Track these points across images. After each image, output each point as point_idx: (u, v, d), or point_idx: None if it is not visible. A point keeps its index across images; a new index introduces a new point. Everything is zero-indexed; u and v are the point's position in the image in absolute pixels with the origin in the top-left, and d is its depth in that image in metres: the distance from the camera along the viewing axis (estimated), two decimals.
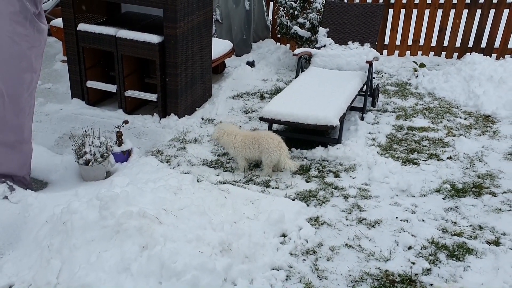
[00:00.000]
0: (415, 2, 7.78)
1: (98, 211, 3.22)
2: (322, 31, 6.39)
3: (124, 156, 4.71)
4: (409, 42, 8.04)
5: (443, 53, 8.01)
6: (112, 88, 5.73)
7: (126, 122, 4.81)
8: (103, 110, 5.84)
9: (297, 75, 5.94)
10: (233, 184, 4.30)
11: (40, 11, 3.74)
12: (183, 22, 5.25)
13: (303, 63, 6.17)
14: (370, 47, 6.13)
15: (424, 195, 4.18)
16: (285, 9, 7.37)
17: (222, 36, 7.82)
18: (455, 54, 7.96)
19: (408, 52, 8.12)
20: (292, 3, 7.23)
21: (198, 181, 4.31)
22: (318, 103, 4.99)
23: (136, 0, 5.16)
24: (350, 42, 6.25)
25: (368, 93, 5.82)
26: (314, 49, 6.30)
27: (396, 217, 3.85)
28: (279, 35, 8.03)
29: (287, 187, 4.32)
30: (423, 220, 3.82)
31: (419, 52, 8.08)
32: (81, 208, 3.34)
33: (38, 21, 3.68)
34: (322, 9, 7.20)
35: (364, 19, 6.28)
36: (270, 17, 8.54)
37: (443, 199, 4.13)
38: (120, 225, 3.11)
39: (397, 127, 5.53)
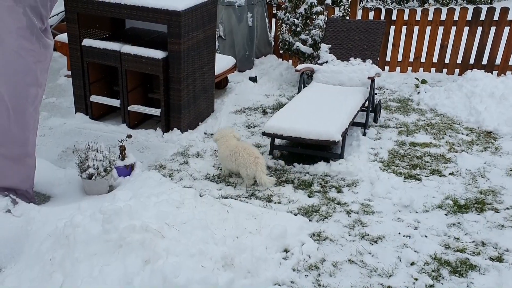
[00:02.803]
0: (416, 19, 7.84)
1: (101, 224, 3.23)
2: (324, 47, 6.45)
3: (127, 170, 4.73)
4: (411, 59, 8.09)
5: (445, 70, 8.05)
6: (115, 102, 5.77)
7: (129, 136, 4.83)
8: (107, 125, 5.87)
9: (299, 91, 5.98)
10: (235, 199, 4.31)
11: (47, 27, 3.79)
12: (187, 38, 5.30)
13: (305, 78, 6.21)
14: (372, 63, 6.17)
15: (427, 211, 4.18)
16: (288, 25, 7.44)
17: (225, 52, 7.88)
18: (457, 71, 7.99)
19: (409, 69, 8.16)
20: (295, 20, 7.31)
21: (200, 196, 4.32)
22: (320, 118, 5.02)
23: (141, 16, 5.22)
24: (352, 58, 6.29)
25: (370, 109, 5.85)
26: (317, 65, 6.35)
27: (399, 233, 3.84)
28: (281, 51, 8.09)
29: (289, 202, 4.32)
30: (426, 236, 3.82)
31: (421, 69, 8.12)
32: (84, 222, 3.35)
33: (44, 37, 3.72)
34: (324, 26, 7.28)
35: (366, 35, 6.34)
36: (273, 33, 8.61)
37: (446, 215, 4.13)
38: (123, 239, 3.12)
39: (399, 143, 5.54)
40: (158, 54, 5.32)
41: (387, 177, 4.63)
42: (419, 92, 7.20)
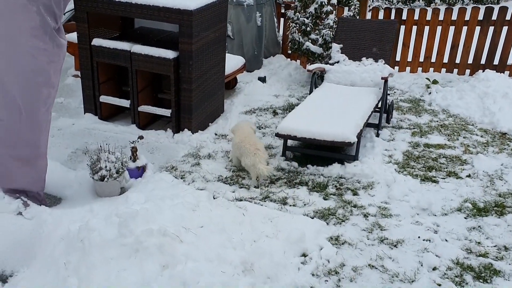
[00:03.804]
0: (427, 18, 7.76)
1: (117, 228, 3.16)
2: (336, 47, 6.37)
3: (139, 172, 4.66)
4: (421, 59, 8.01)
5: (455, 70, 7.96)
6: (125, 103, 5.70)
7: (141, 137, 4.76)
8: (116, 125, 5.80)
9: (311, 91, 5.90)
10: (249, 201, 4.24)
11: (60, 26, 3.72)
12: (198, 38, 5.23)
13: (316, 79, 6.12)
14: (384, 64, 6.09)
15: (446, 214, 4.10)
16: (297, 25, 7.36)
17: (233, 52, 7.80)
18: (467, 71, 7.91)
19: (419, 69, 8.08)
20: (305, 19, 7.23)
21: (214, 198, 4.25)
22: (334, 119, 4.94)
23: (151, 15, 5.15)
24: (364, 58, 6.22)
25: (383, 110, 5.76)
26: (328, 65, 6.27)
27: (419, 237, 3.76)
28: (289, 51, 8.01)
29: (304, 204, 4.25)
30: (446, 240, 3.74)
31: (431, 69, 8.04)
32: (99, 225, 3.28)
33: (58, 36, 3.65)
34: (335, 26, 7.21)
35: (377, 35, 6.26)
36: (281, 33, 8.54)
37: (465, 218, 4.05)
38: (140, 243, 3.04)
39: (413, 144, 5.46)
40: (169, 54, 5.24)
41: (403, 180, 4.55)
42: (430, 93, 7.12)
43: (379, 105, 5.78)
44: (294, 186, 4.55)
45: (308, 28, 7.26)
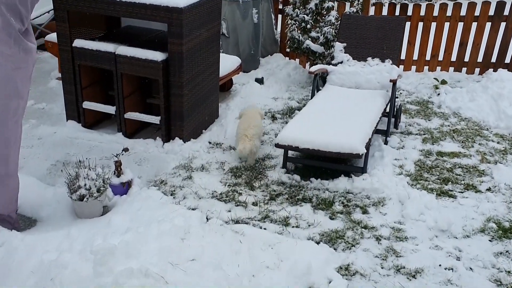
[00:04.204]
0: (434, 14, 7.30)
1: (93, 266, 2.69)
2: (339, 46, 5.90)
3: (124, 188, 4.19)
4: (427, 57, 7.56)
5: (464, 69, 7.51)
6: (111, 109, 5.22)
7: (126, 150, 4.30)
8: (101, 134, 5.32)
9: (312, 95, 5.44)
10: (247, 223, 3.78)
11: (28, 28, 3.24)
12: (189, 38, 4.76)
13: (318, 81, 5.66)
14: (391, 64, 5.64)
15: (468, 236, 3.65)
16: (297, 22, 6.88)
17: (228, 51, 7.33)
18: (477, 70, 7.46)
19: (426, 68, 7.63)
20: (304, 16, 6.75)
21: (207, 219, 3.79)
22: (340, 127, 4.49)
23: (138, 14, 4.67)
24: (369, 58, 5.76)
25: (392, 114, 5.30)
26: (331, 65, 5.81)
27: (440, 265, 3.32)
28: (288, 50, 7.54)
29: (309, 225, 3.79)
30: (471, 269, 3.30)
31: (438, 68, 7.59)
32: (72, 261, 2.83)
33: (25, 39, 3.18)
34: (336, 23, 6.74)
35: (384, 33, 5.79)
36: (279, 30, 8.06)
37: (490, 241, 3.60)
38: (119, 285, 2.59)
39: (425, 152, 5.01)
40: (157, 56, 4.77)
41: (418, 195, 4.09)
42: (439, 94, 6.67)
43: (387, 109, 5.33)
44: (296, 203, 4.10)
45: (308, 26, 6.79)
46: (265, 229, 3.70)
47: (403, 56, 7.57)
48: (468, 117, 5.93)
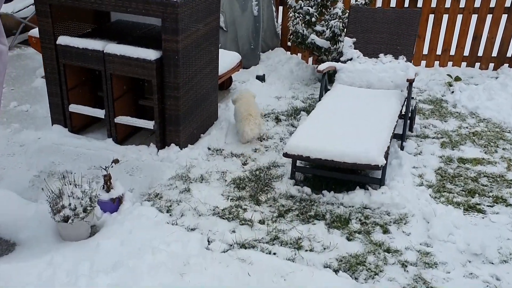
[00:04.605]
0: (445, 6, 6.84)
1: None
2: (348, 41, 5.44)
3: (114, 205, 3.74)
4: (438, 52, 7.10)
5: (477, 64, 7.06)
6: (100, 113, 4.74)
7: (116, 161, 3.83)
8: (89, 139, 4.85)
9: (321, 96, 4.98)
10: (254, 246, 3.33)
11: None
12: (186, 34, 4.28)
13: (327, 80, 5.19)
14: (406, 61, 5.18)
15: (505, 261, 3.22)
16: (301, 15, 6.40)
17: (227, 46, 6.85)
18: (491, 65, 7.01)
19: (436, 63, 7.17)
20: (309, 8, 6.27)
21: (209, 242, 3.35)
22: (355, 134, 4.04)
23: (127, 8, 4.19)
24: (381, 55, 5.30)
25: (407, 117, 4.85)
26: (339, 63, 5.34)
27: None
28: (289, 43, 7.07)
29: (324, 248, 3.35)
30: None
31: (449, 63, 7.13)
32: None
33: None
34: (343, 15, 6.27)
35: (397, 27, 5.33)
36: (280, 21, 7.57)
37: None
38: None
39: (445, 159, 4.57)
40: (151, 54, 4.29)
41: (444, 211, 3.66)
42: (453, 92, 6.23)
43: (402, 111, 4.88)
44: (308, 221, 3.65)
45: (313, 19, 6.31)
46: (275, 254, 3.26)
47: None
48: (487, 118, 5.49)
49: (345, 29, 5.95)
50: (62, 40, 4.53)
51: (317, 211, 3.77)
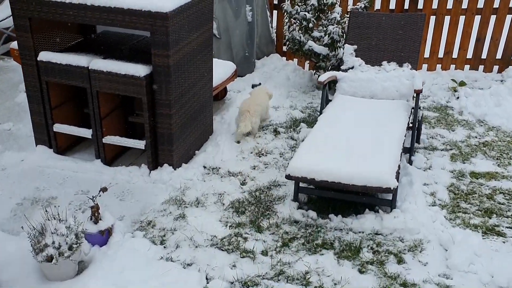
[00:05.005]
0: (447, 7, 6.56)
1: None
2: (349, 49, 5.15)
3: (103, 237, 3.43)
4: (440, 55, 6.82)
5: (481, 67, 6.80)
6: (86, 133, 4.43)
7: (104, 190, 3.51)
8: (76, 161, 4.53)
9: (322, 108, 4.68)
10: (257, 284, 3.04)
11: None
12: (178, 48, 3.97)
13: (327, 91, 4.89)
14: (411, 69, 4.90)
15: None
16: (297, 21, 6.10)
17: (220, 54, 6.54)
18: (496, 68, 6.75)
19: (438, 66, 6.90)
20: (306, 13, 5.97)
21: (207, 280, 3.05)
22: (362, 152, 3.75)
23: (113, 21, 3.87)
24: (385, 62, 5.02)
25: (415, 129, 4.56)
26: (340, 71, 5.05)
27: None
28: (285, 48, 6.76)
29: (335, 284, 3.06)
30: None
31: (452, 66, 6.86)
32: None
33: None
34: (342, 20, 5.98)
35: (401, 32, 5.05)
36: (274, 26, 7.26)
37: None
38: None
39: (456, 174, 4.30)
40: (140, 70, 3.98)
41: (461, 236, 3.37)
42: (458, 97, 5.95)
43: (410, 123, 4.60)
44: (316, 251, 3.36)
45: (310, 24, 6.01)
46: None
47: None
48: (496, 126, 5.22)
49: (344, 35, 5.66)
50: (44, 56, 4.21)
51: (325, 238, 3.48)
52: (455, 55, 6.79)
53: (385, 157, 3.65)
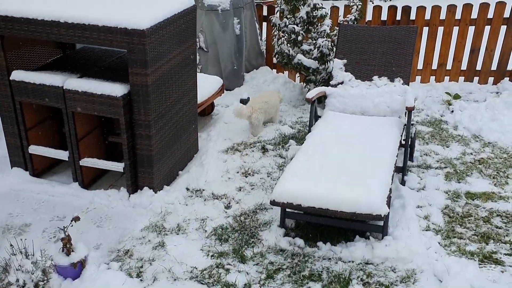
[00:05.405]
0: (440, 18, 6.40)
1: None
2: (338, 63, 4.95)
3: (75, 270, 3.21)
4: (434, 66, 6.65)
5: (476, 78, 6.63)
6: (63, 155, 4.22)
7: (76, 219, 3.28)
8: (53, 184, 4.32)
9: (310, 125, 4.48)
10: None
11: None
12: (156, 66, 3.77)
13: (316, 107, 4.70)
14: (402, 84, 4.72)
15: None
16: (286, 33, 5.92)
17: (208, 68, 6.35)
18: (491, 79, 6.59)
19: (432, 78, 6.73)
20: (295, 26, 5.78)
21: None
22: (352, 174, 3.55)
23: (88, 38, 3.67)
24: (375, 77, 4.82)
25: (407, 147, 4.37)
26: (329, 87, 4.86)
27: None
28: (275, 60, 6.57)
29: None
30: None
31: (446, 78, 6.69)
32: None
33: None
34: (332, 33, 5.80)
35: (392, 46, 4.86)
36: (264, 38, 7.09)
37: None
38: None
39: (451, 195, 4.10)
40: (116, 89, 3.77)
41: (457, 266, 3.16)
42: (452, 111, 5.77)
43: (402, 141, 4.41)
44: (302, 283, 3.14)
45: (300, 37, 5.82)
46: None
47: None
48: (492, 142, 5.04)
49: (334, 48, 5.48)
50: (16, 75, 4.00)
51: (312, 269, 3.26)
52: (449, 66, 6.63)
53: (376, 181, 3.45)
